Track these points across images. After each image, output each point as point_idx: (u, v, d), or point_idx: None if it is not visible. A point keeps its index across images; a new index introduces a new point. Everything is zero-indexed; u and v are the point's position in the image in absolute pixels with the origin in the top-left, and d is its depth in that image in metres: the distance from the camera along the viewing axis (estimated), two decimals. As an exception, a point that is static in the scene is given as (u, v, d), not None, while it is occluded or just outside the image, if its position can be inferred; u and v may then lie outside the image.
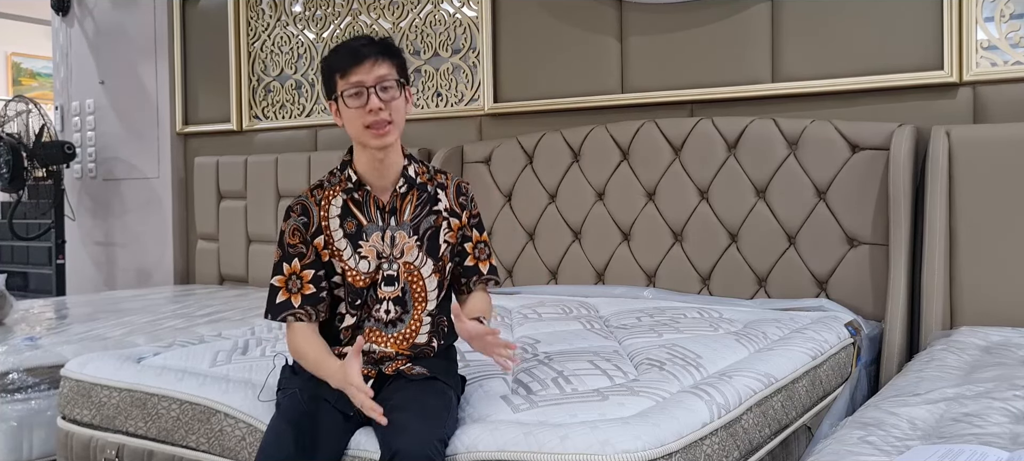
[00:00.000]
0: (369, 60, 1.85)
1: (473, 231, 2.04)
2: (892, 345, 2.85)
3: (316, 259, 1.93)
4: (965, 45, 2.97)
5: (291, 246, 1.92)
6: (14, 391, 2.71)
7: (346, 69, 1.86)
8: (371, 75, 1.85)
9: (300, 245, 1.92)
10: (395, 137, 1.90)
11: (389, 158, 1.93)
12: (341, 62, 1.87)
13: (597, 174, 3.56)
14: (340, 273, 1.93)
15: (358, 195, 1.94)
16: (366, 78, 1.85)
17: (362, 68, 1.85)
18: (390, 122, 1.86)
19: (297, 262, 1.92)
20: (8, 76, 8.95)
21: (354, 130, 1.88)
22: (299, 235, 1.92)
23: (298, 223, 1.92)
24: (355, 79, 1.85)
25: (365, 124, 1.86)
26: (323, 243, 1.93)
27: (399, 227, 1.94)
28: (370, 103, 1.84)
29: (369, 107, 1.84)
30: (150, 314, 3.54)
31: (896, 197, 2.91)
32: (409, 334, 1.95)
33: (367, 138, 1.87)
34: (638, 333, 2.58)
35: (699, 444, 1.76)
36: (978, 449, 1.51)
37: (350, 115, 1.87)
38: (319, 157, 4.26)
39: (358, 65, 1.85)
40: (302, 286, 1.91)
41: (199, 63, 4.86)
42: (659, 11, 3.51)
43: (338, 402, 1.83)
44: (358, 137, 1.89)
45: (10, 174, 4.77)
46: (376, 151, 1.90)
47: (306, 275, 1.91)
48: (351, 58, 1.86)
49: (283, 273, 1.92)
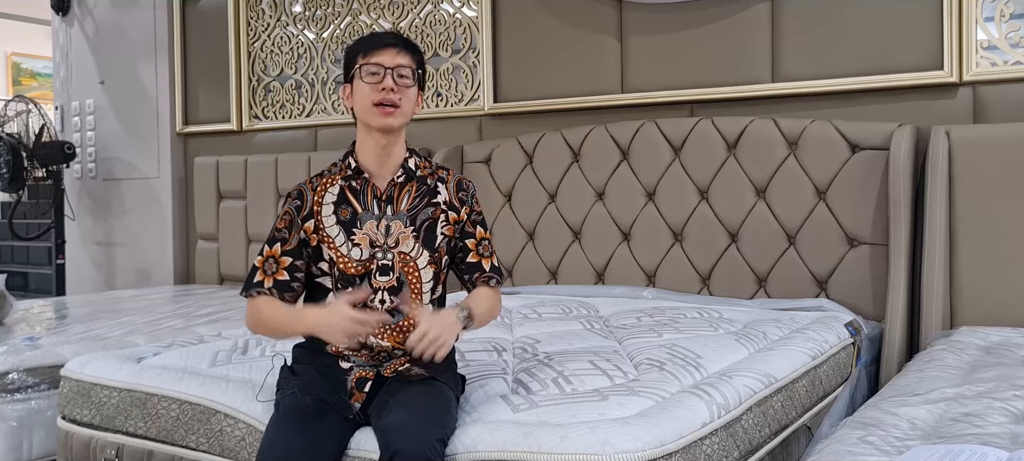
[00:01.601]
0: (393, 48, 1.94)
1: (476, 228, 2.04)
2: (892, 345, 2.85)
3: (298, 247, 1.96)
4: (965, 45, 2.97)
5: (278, 230, 1.97)
6: (14, 391, 2.71)
7: (371, 50, 1.94)
8: (392, 60, 1.93)
9: (285, 230, 1.96)
10: (399, 124, 1.94)
11: (392, 148, 1.97)
12: (366, 45, 1.96)
13: (597, 174, 3.56)
14: (328, 260, 1.95)
15: (356, 183, 1.97)
16: (387, 61, 1.92)
17: (386, 53, 1.93)
18: (398, 106, 1.91)
19: (278, 247, 1.96)
20: (8, 76, 8.95)
21: (362, 106, 1.93)
22: (288, 219, 1.97)
23: (291, 207, 1.97)
24: (376, 59, 1.92)
25: (375, 101, 1.91)
26: (313, 227, 1.96)
27: (395, 217, 1.96)
28: (384, 82, 1.91)
29: (382, 85, 1.90)
30: (150, 314, 3.54)
31: (896, 197, 2.91)
32: (407, 327, 1.94)
33: (373, 116, 1.92)
34: (638, 333, 2.58)
35: (699, 444, 1.76)
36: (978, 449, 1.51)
37: (362, 90, 1.92)
38: (319, 157, 4.25)
39: (382, 49, 1.93)
40: (277, 270, 1.95)
41: (199, 63, 4.86)
42: (659, 11, 3.51)
43: (338, 403, 1.83)
44: (364, 115, 1.94)
45: (10, 174, 4.77)
46: (379, 136, 1.94)
47: (284, 261, 1.95)
48: (378, 42, 1.95)
49: (263, 253, 1.97)
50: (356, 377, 1.89)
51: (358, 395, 1.87)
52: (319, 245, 1.96)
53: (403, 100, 1.92)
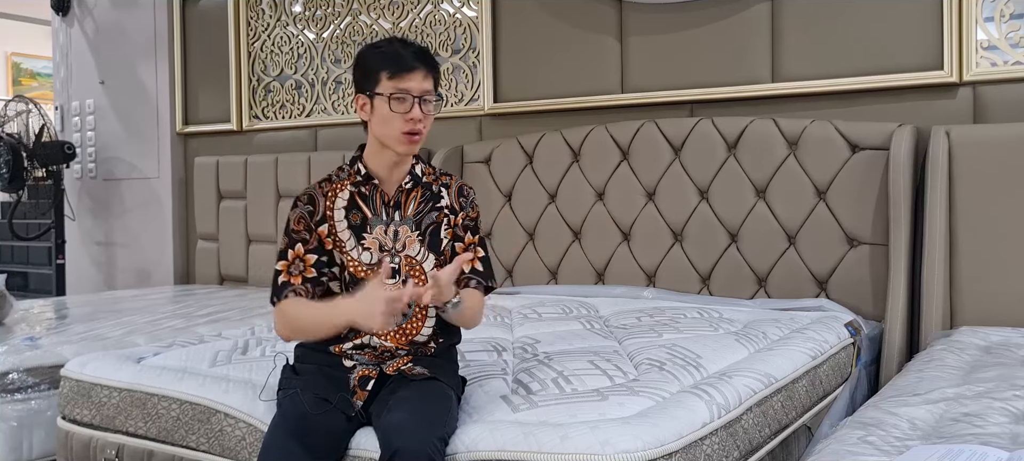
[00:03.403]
0: (421, 71, 1.90)
1: (466, 233, 2.04)
2: (892, 345, 2.85)
3: (318, 246, 1.96)
4: (965, 45, 2.97)
5: (296, 232, 1.96)
6: (14, 391, 2.71)
7: (398, 72, 1.89)
8: (421, 86, 1.90)
9: (304, 232, 1.96)
10: (419, 147, 1.95)
11: (403, 160, 1.98)
12: (393, 64, 1.89)
13: (597, 174, 3.56)
14: (340, 264, 1.96)
15: (365, 189, 1.99)
16: (415, 87, 1.89)
17: (415, 76, 1.89)
18: (422, 133, 1.92)
19: (301, 247, 1.95)
20: (8, 76, 8.95)
21: (386, 131, 1.91)
22: (304, 222, 1.96)
23: (304, 211, 1.96)
24: (405, 85, 1.88)
25: (403, 131, 1.89)
26: (327, 232, 1.96)
27: (402, 222, 1.98)
28: (413, 112, 1.88)
29: (411, 116, 1.88)
30: (150, 314, 3.54)
31: (896, 197, 2.91)
32: (411, 329, 1.96)
33: (398, 143, 1.91)
34: (638, 333, 2.58)
35: (699, 444, 1.76)
36: (978, 449, 1.51)
37: (387, 116, 1.89)
38: (319, 157, 4.26)
39: (411, 72, 1.89)
40: (305, 269, 1.94)
41: (199, 63, 4.86)
42: (659, 11, 3.51)
43: (340, 402, 1.83)
44: (387, 139, 1.92)
45: (10, 174, 4.77)
46: (396, 155, 1.95)
47: (309, 260, 1.94)
48: (405, 64, 1.89)
49: (287, 258, 1.95)
50: (359, 376, 1.90)
51: (360, 394, 1.88)
52: (331, 249, 1.96)
53: (426, 124, 1.93)
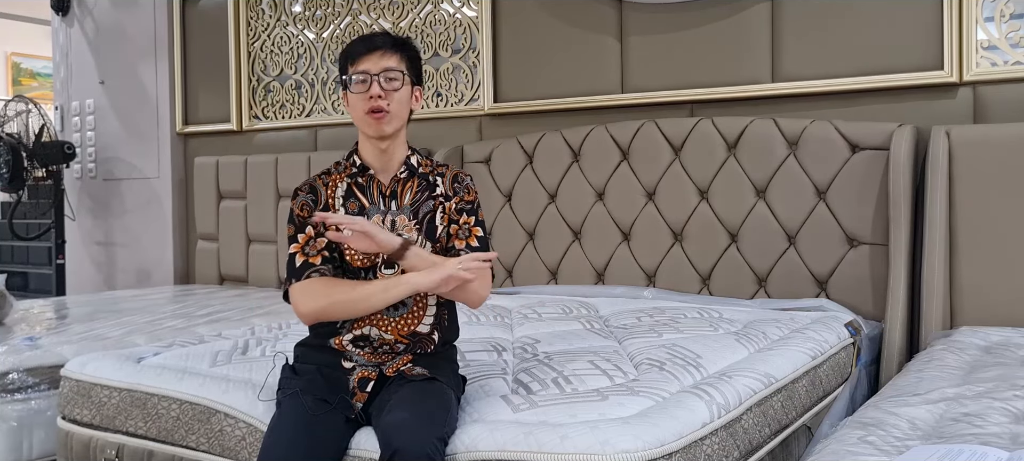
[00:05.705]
0: (379, 50, 1.95)
1: (461, 215, 2.02)
2: (892, 345, 2.85)
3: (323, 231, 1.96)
4: (965, 45, 2.97)
5: (303, 219, 1.97)
6: (14, 391, 2.71)
7: (357, 57, 1.96)
8: (378, 65, 1.94)
9: (309, 217, 1.97)
10: (393, 128, 1.96)
11: (392, 149, 2.00)
12: (354, 49, 1.98)
13: (597, 174, 3.56)
14: (338, 254, 1.96)
15: (362, 180, 2.01)
16: (372, 67, 1.94)
17: (371, 57, 1.95)
18: (387, 110, 1.93)
19: (311, 229, 1.96)
20: (8, 76, 8.95)
21: (356, 115, 1.98)
22: (308, 209, 1.98)
23: (307, 199, 1.99)
24: (362, 67, 1.95)
25: (365, 110, 1.93)
26: None
27: (399, 211, 1.99)
28: (371, 90, 1.93)
29: (370, 93, 1.92)
30: (150, 314, 3.54)
31: (896, 197, 2.91)
32: (412, 320, 1.96)
33: (366, 124, 1.96)
34: (638, 333, 2.58)
35: (699, 444, 1.76)
36: (978, 449, 1.51)
37: (353, 100, 1.97)
38: (319, 157, 4.25)
39: (368, 54, 1.95)
40: (321, 250, 1.94)
41: (199, 63, 4.86)
42: (659, 11, 3.51)
43: (340, 403, 1.84)
44: (359, 123, 1.98)
45: (10, 174, 4.77)
46: (378, 141, 1.97)
47: (321, 242, 1.95)
48: (363, 46, 1.96)
49: (298, 241, 1.96)
50: (358, 377, 1.90)
51: (360, 395, 1.87)
52: None
53: (392, 103, 1.94)
